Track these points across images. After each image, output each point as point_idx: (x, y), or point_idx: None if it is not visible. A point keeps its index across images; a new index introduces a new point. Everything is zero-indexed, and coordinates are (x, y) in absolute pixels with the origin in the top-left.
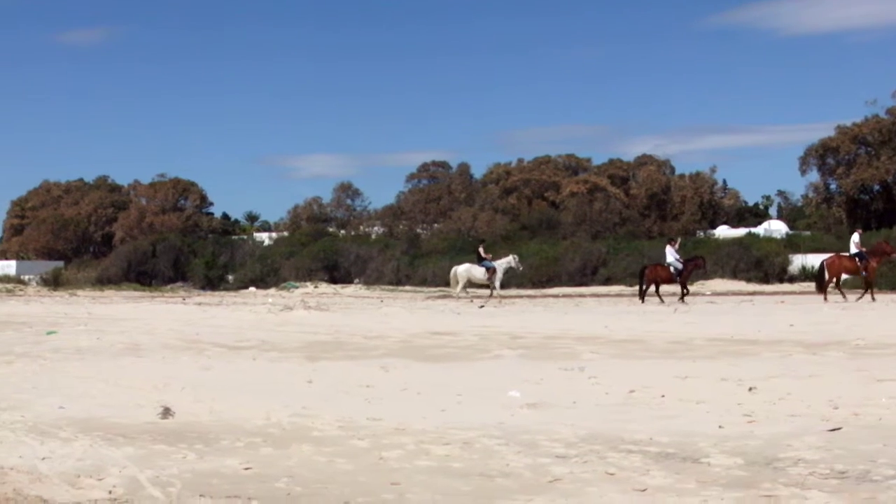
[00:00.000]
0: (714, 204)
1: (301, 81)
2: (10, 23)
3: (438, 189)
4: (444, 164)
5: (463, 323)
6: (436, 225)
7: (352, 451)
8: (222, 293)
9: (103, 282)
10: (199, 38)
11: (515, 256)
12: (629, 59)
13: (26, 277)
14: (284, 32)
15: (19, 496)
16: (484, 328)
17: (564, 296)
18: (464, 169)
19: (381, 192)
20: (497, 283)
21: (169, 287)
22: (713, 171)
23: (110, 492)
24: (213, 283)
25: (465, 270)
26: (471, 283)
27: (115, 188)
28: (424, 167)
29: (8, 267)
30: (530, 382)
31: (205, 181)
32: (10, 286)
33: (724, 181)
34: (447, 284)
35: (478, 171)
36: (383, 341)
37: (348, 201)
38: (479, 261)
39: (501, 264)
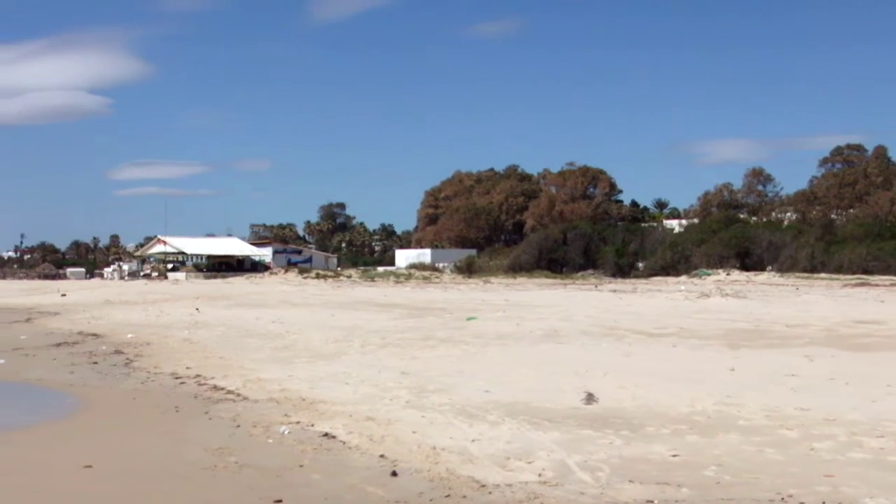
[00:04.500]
0: None
1: (708, 69)
2: (421, 16)
3: (853, 173)
4: (859, 147)
5: (888, 312)
6: (851, 210)
7: (780, 441)
8: (633, 280)
9: (515, 269)
10: (604, 28)
11: None
12: None
13: (441, 265)
14: (683, 21)
15: (452, 476)
16: None
17: None
18: (880, 152)
19: (792, 177)
20: None
21: (580, 274)
22: None
23: (539, 475)
24: (623, 270)
25: None
26: None
27: (525, 177)
28: (838, 150)
29: (423, 255)
30: None
31: (613, 169)
32: (426, 274)
33: None
34: (865, 272)
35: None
36: (805, 330)
37: (759, 187)
38: None
39: None
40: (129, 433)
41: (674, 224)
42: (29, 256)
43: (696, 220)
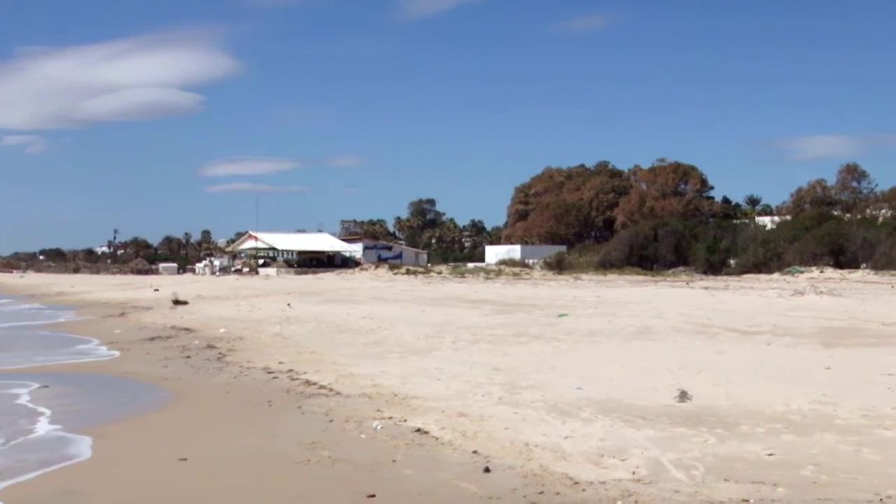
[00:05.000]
0: None
1: (800, 66)
2: (512, 11)
3: None
4: None
5: None
6: None
7: (878, 440)
8: (725, 278)
9: (605, 266)
10: (696, 25)
11: None
12: None
13: (530, 261)
14: (776, 19)
15: (545, 472)
16: None
17: None
18: None
19: (888, 173)
20: None
21: (670, 271)
22: None
23: (633, 472)
24: (714, 267)
25: None
26: None
27: (615, 173)
28: None
29: (513, 251)
30: None
31: (704, 165)
32: (516, 270)
33: None
34: None
35: None
36: None
37: (854, 183)
38: None
39: None
40: (223, 427)
41: (766, 221)
42: (122, 252)
43: (788, 218)
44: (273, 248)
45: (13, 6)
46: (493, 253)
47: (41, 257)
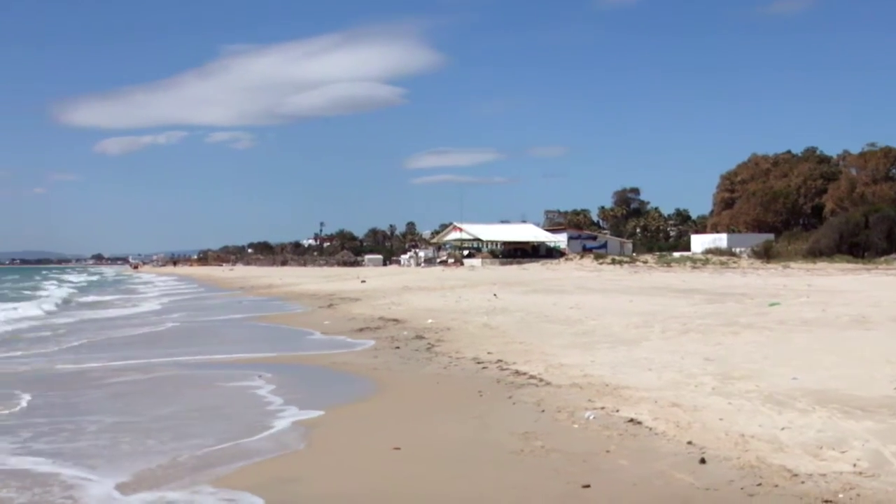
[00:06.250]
0: None
1: None
2: None
3: None
4: None
5: None
6: None
7: None
8: None
9: (814, 254)
10: None
11: None
12: None
13: (737, 250)
14: None
15: (762, 464)
16: None
17: None
18: None
19: None
20: None
21: (882, 259)
22: None
23: (854, 465)
24: None
25: None
26: None
27: (823, 159)
28: None
29: (719, 240)
30: None
31: None
32: (723, 259)
33: None
34: None
35: None
36: None
37: None
38: None
39: None
40: (435, 417)
41: None
42: (328, 244)
43: None
44: (477, 239)
45: (219, 7)
46: (699, 242)
47: (249, 250)
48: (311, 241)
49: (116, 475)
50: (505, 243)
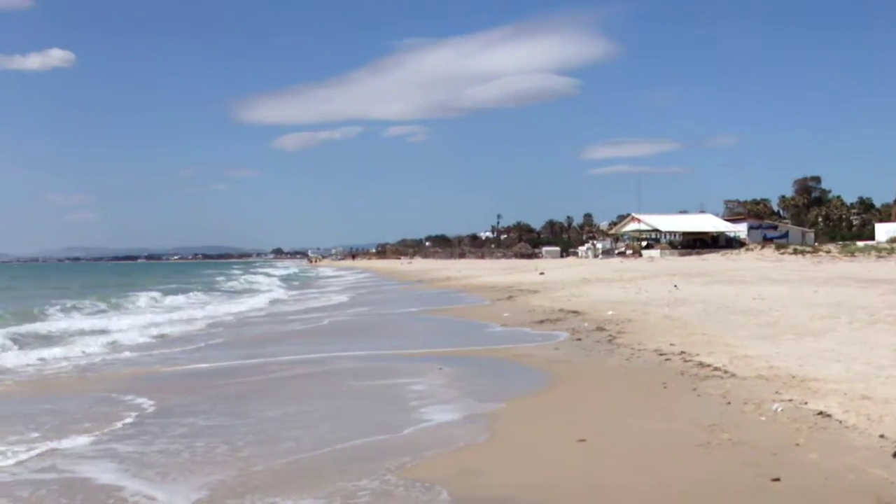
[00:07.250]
0: None
1: None
2: None
3: None
4: None
5: None
6: None
7: None
8: None
9: None
10: None
11: None
12: None
13: None
14: None
15: None
16: None
17: None
18: None
19: None
20: None
21: None
22: None
23: None
24: None
25: None
26: None
27: None
28: None
29: None
30: None
31: None
32: None
33: None
34: None
35: None
36: None
37: None
38: None
39: None
40: (618, 409)
41: None
42: (505, 236)
43: None
44: (656, 230)
45: (391, 2)
46: (884, 230)
47: (427, 243)
48: (489, 234)
49: (319, 457)
50: (684, 234)
